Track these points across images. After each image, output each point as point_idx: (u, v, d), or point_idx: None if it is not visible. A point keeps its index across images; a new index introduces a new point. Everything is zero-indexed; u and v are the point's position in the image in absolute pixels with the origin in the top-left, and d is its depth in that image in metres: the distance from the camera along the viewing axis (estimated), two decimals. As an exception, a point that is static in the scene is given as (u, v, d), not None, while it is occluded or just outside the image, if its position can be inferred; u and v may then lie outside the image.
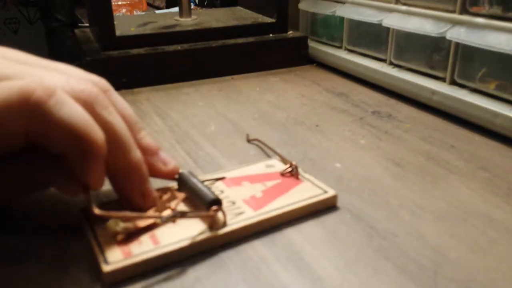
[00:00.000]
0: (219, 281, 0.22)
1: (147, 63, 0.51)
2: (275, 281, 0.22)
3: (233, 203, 0.26)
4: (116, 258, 0.21)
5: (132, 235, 0.23)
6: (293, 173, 0.29)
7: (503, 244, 0.24)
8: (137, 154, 0.24)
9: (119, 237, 0.23)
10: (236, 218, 0.25)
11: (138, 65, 0.50)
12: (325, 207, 0.27)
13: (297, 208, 0.26)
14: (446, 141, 0.37)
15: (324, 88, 0.51)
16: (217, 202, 0.24)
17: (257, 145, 0.36)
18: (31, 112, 0.20)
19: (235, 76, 0.55)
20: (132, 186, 0.24)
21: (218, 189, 0.28)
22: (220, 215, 0.24)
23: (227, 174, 0.29)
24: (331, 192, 0.27)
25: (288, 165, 0.29)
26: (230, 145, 0.36)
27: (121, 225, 0.23)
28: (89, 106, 0.22)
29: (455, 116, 0.41)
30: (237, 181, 0.29)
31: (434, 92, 0.43)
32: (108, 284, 0.21)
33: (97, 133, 0.21)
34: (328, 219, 0.27)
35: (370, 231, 0.25)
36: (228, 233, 0.24)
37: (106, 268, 0.21)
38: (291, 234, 0.25)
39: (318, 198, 0.27)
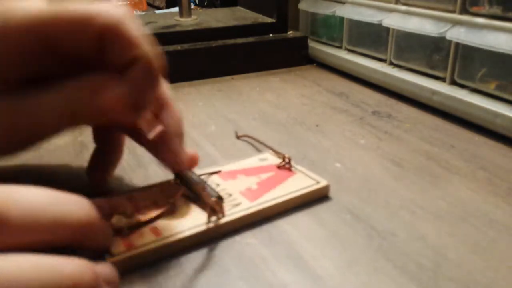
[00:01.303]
0: (218, 280, 0.22)
1: (147, 63, 0.51)
2: (274, 281, 0.22)
3: (230, 195, 0.27)
4: (119, 250, 0.22)
5: (134, 228, 0.24)
6: (286, 166, 0.30)
7: (503, 244, 0.24)
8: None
9: (126, 232, 0.23)
10: (233, 209, 0.25)
11: (138, 65, 0.50)
12: (318, 197, 0.28)
13: (292, 198, 0.27)
14: (446, 141, 0.37)
15: (324, 88, 0.51)
16: (219, 198, 0.25)
17: (247, 141, 0.37)
18: (110, 19, 0.22)
19: (235, 76, 0.55)
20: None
21: (214, 182, 0.28)
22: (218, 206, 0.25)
23: (222, 168, 0.30)
24: (323, 183, 0.28)
25: (282, 159, 0.30)
26: (230, 145, 0.36)
27: (124, 221, 0.24)
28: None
29: (455, 116, 0.41)
30: (233, 174, 0.29)
31: (434, 92, 0.43)
32: None
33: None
34: (328, 219, 0.26)
35: (370, 231, 0.25)
36: (227, 223, 0.25)
37: (110, 259, 0.22)
38: (291, 233, 0.25)
39: (311, 188, 0.28)
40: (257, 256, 0.23)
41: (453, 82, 0.42)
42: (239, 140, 0.37)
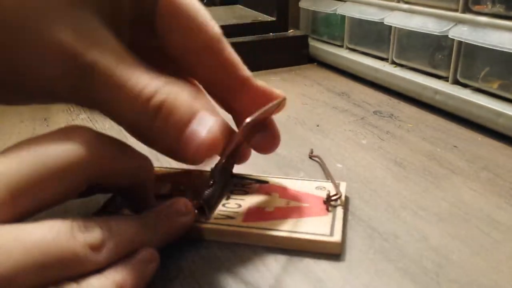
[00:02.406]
0: (218, 283, 0.21)
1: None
2: (274, 283, 0.21)
3: (239, 206, 0.26)
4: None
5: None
6: (327, 203, 0.26)
7: (506, 245, 0.24)
8: None
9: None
10: (222, 220, 0.25)
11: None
12: (324, 251, 0.24)
13: (284, 237, 0.24)
14: (449, 141, 0.37)
15: (325, 88, 0.50)
16: (204, 204, 0.24)
17: (317, 161, 0.33)
18: None
19: (235, 75, 0.54)
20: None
21: (248, 190, 0.28)
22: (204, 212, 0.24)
23: (272, 180, 0.29)
24: (335, 238, 0.24)
25: (335, 193, 0.27)
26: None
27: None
28: None
29: (457, 116, 0.41)
30: (269, 190, 0.28)
31: (436, 91, 0.42)
32: None
33: None
34: (329, 220, 0.26)
35: (372, 232, 0.25)
36: (207, 229, 0.24)
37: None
38: (292, 235, 0.25)
39: (315, 237, 0.24)
40: (257, 258, 0.23)
41: (456, 82, 0.42)
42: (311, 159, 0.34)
